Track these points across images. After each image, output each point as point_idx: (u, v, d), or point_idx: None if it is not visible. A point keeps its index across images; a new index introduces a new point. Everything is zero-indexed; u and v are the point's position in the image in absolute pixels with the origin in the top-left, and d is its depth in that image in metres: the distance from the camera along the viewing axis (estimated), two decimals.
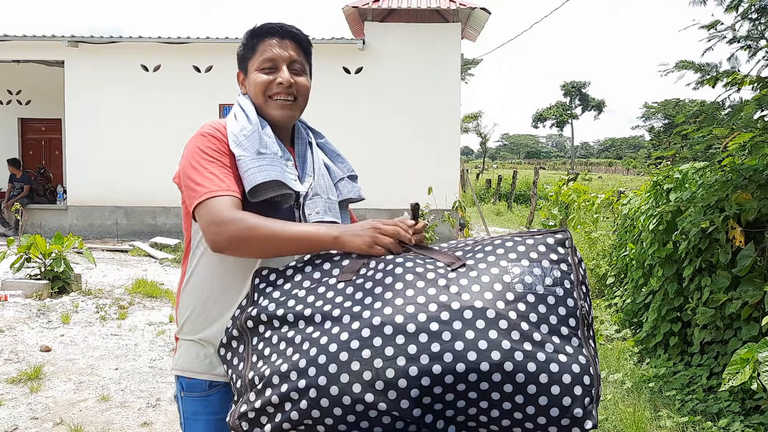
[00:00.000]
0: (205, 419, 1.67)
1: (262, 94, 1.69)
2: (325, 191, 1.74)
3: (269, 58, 1.68)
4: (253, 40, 1.71)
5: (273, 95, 1.69)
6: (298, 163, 1.75)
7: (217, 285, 1.65)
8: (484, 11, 12.48)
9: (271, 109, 1.70)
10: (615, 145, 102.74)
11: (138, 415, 4.13)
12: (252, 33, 1.72)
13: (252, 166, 1.57)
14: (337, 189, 1.79)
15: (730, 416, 3.79)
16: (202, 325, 1.67)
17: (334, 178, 1.80)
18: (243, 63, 1.75)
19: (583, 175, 30.21)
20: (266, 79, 1.68)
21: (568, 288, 1.37)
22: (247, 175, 1.57)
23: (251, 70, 1.71)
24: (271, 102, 1.69)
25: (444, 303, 1.32)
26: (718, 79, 4.35)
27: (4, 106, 15.66)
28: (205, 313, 1.66)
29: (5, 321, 6.21)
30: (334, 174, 1.81)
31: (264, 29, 1.70)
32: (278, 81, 1.67)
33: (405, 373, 1.26)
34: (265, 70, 1.68)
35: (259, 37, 1.70)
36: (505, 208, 21.48)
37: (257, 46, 1.70)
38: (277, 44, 1.69)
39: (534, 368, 1.26)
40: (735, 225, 4.06)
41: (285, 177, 1.60)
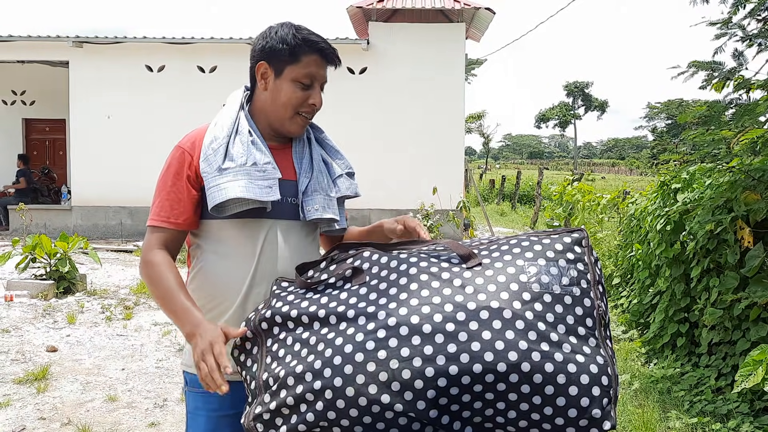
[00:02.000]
0: (205, 415, 1.70)
1: (292, 109, 1.69)
2: (324, 188, 1.75)
3: (310, 75, 1.68)
4: (300, 48, 1.66)
5: (301, 112, 1.70)
6: (296, 159, 1.76)
7: (217, 286, 1.69)
8: (488, 11, 12.47)
9: (293, 125, 1.71)
10: (618, 146, 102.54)
11: (145, 416, 4.12)
12: (303, 40, 1.67)
13: (212, 185, 1.61)
14: (336, 185, 1.79)
15: (740, 417, 3.77)
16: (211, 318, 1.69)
17: (333, 174, 1.80)
18: (277, 62, 1.68)
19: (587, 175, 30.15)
20: (302, 96, 1.68)
21: (585, 287, 1.36)
22: (209, 194, 1.62)
23: (287, 76, 1.67)
24: (296, 118, 1.70)
25: (460, 303, 1.31)
26: (729, 78, 4.33)
27: (9, 107, 15.69)
28: (208, 313, 1.69)
29: (11, 321, 6.21)
30: (333, 170, 1.81)
31: (314, 44, 1.67)
32: (311, 102, 1.69)
33: (421, 374, 1.25)
34: (302, 84, 1.68)
35: (307, 49, 1.67)
36: (508, 209, 21.45)
37: (302, 57, 1.66)
38: (320, 63, 1.69)
39: (551, 369, 1.25)
40: (743, 225, 4.04)
41: (249, 191, 1.59)
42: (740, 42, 4.40)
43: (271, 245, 1.68)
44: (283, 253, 1.69)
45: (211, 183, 1.61)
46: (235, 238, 1.67)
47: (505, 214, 19.88)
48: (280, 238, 1.70)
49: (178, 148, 1.71)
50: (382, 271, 1.43)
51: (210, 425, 1.68)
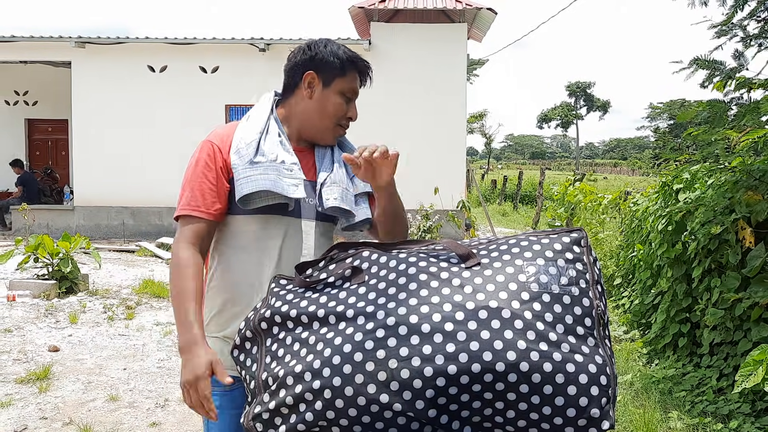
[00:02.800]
0: (228, 413, 1.71)
1: (335, 119, 1.79)
2: (343, 182, 1.81)
3: (353, 90, 1.81)
4: (348, 64, 1.78)
5: (341, 124, 1.82)
6: (318, 158, 1.83)
7: (238, 284, 1.73)
8: (490, 11, 12.46)
9: (330, 134, 1.82)
10: (620, 146, 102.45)
11: (147, 415, 4.13)
12: (351, 58, 1.79)
13: (242, 176, 1.66)
14: (353, 182, 1.85)
15: (741, 418, 3.77)
16: (226, 323, 1.74)
17: (350, 173, 1.85)
18: (327, 72, 1.77)
19: (589, 175, 30.15)
20: (345, 109, 1.80)
21: (584, 287, 1.36)
22: (238, 185, 1.67)
23: (335, 87, 1.77)
24: (336, 128, 1.81)
25: (458, 303, 1.31)
26: (730, 77, 4.32)
27: (11, 107, 15.72)
28: (228, 312, 1.73)
29: (14, 321, 6.23)
30: (351, 169, 1.81)
31: (358, 62, 1.80)
32: (349, 114, 1.82)
33: (420, 374, 1.25)
34: (345, 97, 1.79)
35: (354, 66, 1.79)
36: (510, 209, 21.44)
37: (349, 72, 1.78)
38: (359, 80, 1.83)
39: (550, 368, 1.25)
40: (745, 226, 4.04)
41: (277, 185, 1.66)
42: (740, 42, 4.40)
43: (292, 242, 1.75)
44: (303, 252, 1.75)
45: (241, 174, 1.66)
46: (257, 234, 1.73)
47: (507, 215, 19.87)
48: (301, 236, 1.76)
49: (207, 143, 1.75)
50: (381, 271, 1.44)
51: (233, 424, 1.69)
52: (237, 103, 12.57)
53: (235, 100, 12.53)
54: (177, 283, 1.62)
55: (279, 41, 12.43)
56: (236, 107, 12.64)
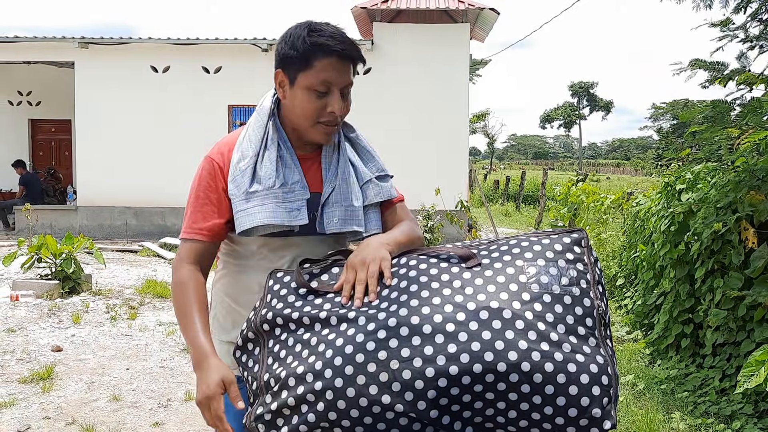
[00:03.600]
0: (232, 411, 1.68)
1: (310, 119, 1.59)
2: (346, 197, 1.67)
3: (325, 81, 1.54)
4: (310, 52, 1.53)
5: (322, 121, 1.59)
6: (324, 165, 1.69)
7: (240, 295, 1.70)
8: (492, 12, 12.46)
9: (316, 134, 1.62)
10: (623, 146, 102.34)
11: (149, 415, 4.14)
12: (313, 44, 1.53)
13: (239, 209, 1.59)
14: (363, 193, 1.71)
15: (744, 418, 3.76)
16: (228, 328, 1.72)
17: (361, 179, 1.71)
18: (289, 68, 1.58)
19: (592, 175, 30.10)
20: (319, 105, 1.57)
21: (585, 287, 1.36)
22: (236, 219, 1.60)
23: (301, 83, 1.56)
24: (318, 127, 1.60)
25: (459, 304, 1.31)
26: (731, 78, 4.32)
27: (15, 107, 15.76)
28: (231, 318, 1.72)
29: (17, 321, 6.24)
30: (361, 175, 1.72)
31: (327, 46, 1.52)
32: (330, 110, 1.57)
33: (421, 375, 1.25)
34: (317, 92, 1.56)
35: (323, 52, 1.53)
36: (513, 209, 21.42)
37: (314, 61, 1.53)
38: (337, 66, 1.54)
39: (551, 368, 1.25)
40: (748, 226, 4.03)
41: (276, 216, 1.58)
42: (741, 44, 4.40)
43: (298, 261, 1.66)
44: None
45: (238, 207, 1.59)
46: (263, 254, 1.68)
47: (510, 215, 19.86)
48: (309, 251, 1.68)
49: (207, 159, 1.66)
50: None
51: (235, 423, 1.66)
52: (240, 104, 12.59)
53: (238, 101, 12.54)
54: (180, 302, 1.58)
55: None
56: (239, 107, 12.66)
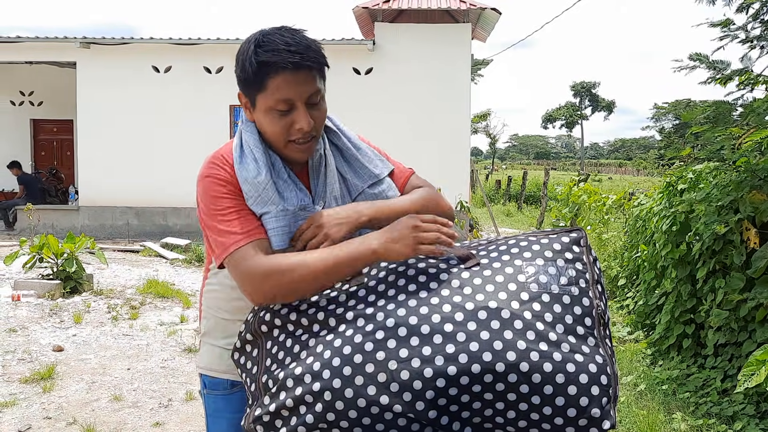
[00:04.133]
0: (228, 417, 1.67)
1: (280, 139, 1.48)
2: None
3: (284, 99, 1.43)
4: (260, 74, 1.42)
5: (293, 139, 1.48)
6: (312, 181, 1.58)
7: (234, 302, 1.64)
8: (494, 12, 12.46)
9: (291, 152, 1.51)
10: (625, 146, 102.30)
11: (150, 415, 4.14)
12: (260, 64, 1.41)
13: (270, 227, 1.47)
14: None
15: (745, 419, 3.75)
16: (223, 334, 1.67)
17: (353, 191, 1.61)
18: (248, 91, 1.49)
19: (593, 176, 30.11)
20: (285, 124, 1.46)
21: (584, 287, 1.36)
22: (271, 236, 1.47)
23: (261, 106, 1.46)
24: (291, 145, 1.49)
25: (458, 304, 1.31)
26: (731, 78, 4.31)
27: (17, 107, 15.79)
28: (225, 324, 1.66)
29: (18, 321, 6.24)
30: (352, 187, 1.61)
31: (275, 63, 1.40)
32: (298, 127, 1.45)
33: (420, 375, 1.25)
34: (279, 112, 1.45)
35: (268, 71, 1.41)
36: (515, 209, 21.42)
37: (267, 82, 1.42)
38: (292, 80, 1.41)
39: (550, 368, 1.25)
40: (749, 226, 4.02)
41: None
42: (742, 44, 4.38)
43: None
44: None
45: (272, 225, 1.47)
46: None
47: (512, 215, 19.85)
48: None
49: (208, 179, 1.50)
50: (380, 273, 1.44)
51: (232, 427, 1.66)
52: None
53: None
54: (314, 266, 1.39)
55: None
56: (241, 108, 12.66)
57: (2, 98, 15.68)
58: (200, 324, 1.76)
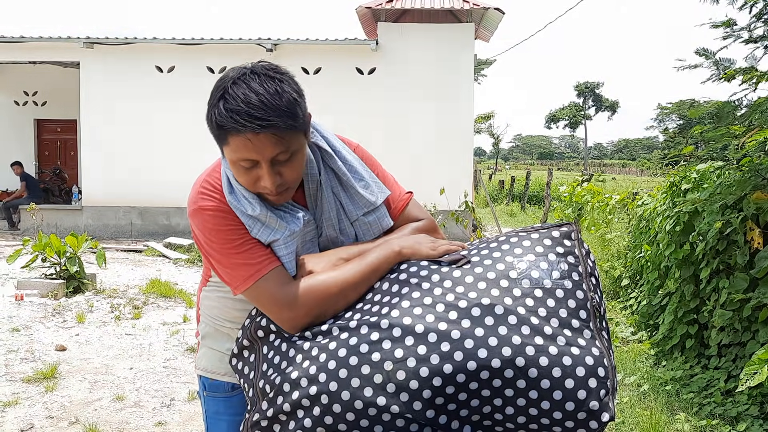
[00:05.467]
0: (227, 419, 1.67)
1: (251, 189, 1.42)
2: (336, 241, 1.55)
3: (246, 159, 1.36)
4: (221, 132, 1.36)
5: (261, 193, 1.43)
6: (310, 205, 1.54)
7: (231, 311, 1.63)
8: (497, 11, 12.44)
9: (266, 199, 1.45)
10: (629, 146, 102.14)
11: (152, 415, 4.14)
12: (219, 122, 1.34)
13: (282, 254, 1.45)
14: (354, 229, 1.57)
15: (749, 420, 3.74)
16: (222, 340, 1.67)
17: (350, 218, 1.56)
18: (215, 139, 1.42)
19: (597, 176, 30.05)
20: (250, 179, 1.40)
21: (577, 280, 1.36)
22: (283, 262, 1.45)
23: (227, 157, 1.40)
24: (263, 194, 1.44)
25: (451, 302, 1.31)
26: (736, 74, 4.29)
27: (21, 107, 15.83)
28: (224, 331, 1.66)
29: (21, 320, 6.25)
30: (349, 214, 1.56)
31: (235, 126, 1.32)
32: (263, 184, 1.39)
33: (416, 375, 1.25)
34: (243, 167, 1.38)
35: (231, 130, 1.33)
36: (518, 209, 21.39)
37: (228, 139, 1.35)
38: (251, 143, 1.33)
39: (546, 362, 1.25)
40: (753, 226, 4.00)
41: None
42: (745, 44, 4.36)
43: None
44: None
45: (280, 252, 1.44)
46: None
47: (515, 215, 19.83)
48: None
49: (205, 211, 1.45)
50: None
51: (232, 429, 1.66)
52: None
53: None
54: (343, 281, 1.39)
55: (286, 41, 12.46)
56: None
57: (6, 98, 15.73)
58: (198, 327, 1.76)
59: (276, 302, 1.40)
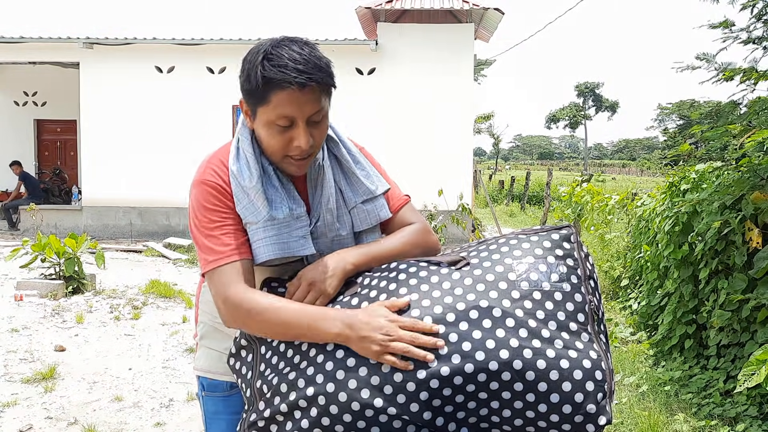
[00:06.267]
0: (226, 418, 1.68)
1: (277, 153, 1.47)
2: (332, 228, 1.56)
3: (285, 115, 1.41)
4: (264, 88, 1.39)
5: (290, 155, 1.47)
6: (309, 189, 1.58)
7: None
8: (497, 12, 12.44)
9: (286, 166, 1.50)
10: (629, 146, 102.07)
11: (151, 416, 4.14)
12: (265, 78, 1.38)
13: (257, 238, 1.47)
14: (352, 218, 1.59)
15: (748, 420, 3.73)
16: (219, 339, 1.67)
17: (349, 205, 1.59)
18: (250, 102, 1.46)
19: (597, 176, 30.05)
20: (283, 140, 1.44)
21: (575, 283, 1.35)
22: (255, 248, 1.48)
23: (261, 118, 1.44)
24: (287, 160, 1.48)
25: (449, 304, 1.31)
26: (734, 74, 4.29)
27: (21, 108, 15.83)
28: (221, 329, 1.66)
29: (20, 321, 6.25)
30: (348, 201, 1.59)
31: (281, 80, 1.37)
32: (296, 144, 1.44)
33: (413, 377, 1.25)
34: (279, 127, 1.43)
35: (272, 86, 1.38)
36: (518, 210, 21.39)
37: (270, 96, 1.39)
38: (296, 98, 1.39)
39: (544, 365, 1.25)
40: (752, 226, 4.00)
41: (289, 248, 1.48)
42: (744, 45, 4.36)
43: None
44: None
45: (256, 236, 1.47)
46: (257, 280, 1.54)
47: (515, 215, 19.83)
48: None
49: (203, 184, 1.49)
50: (372, 281, 1.44)
51: (231, 428, 1.65)
52: None
53: None
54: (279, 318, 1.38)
55: None
56: None
57: (6, 98, 15.73)
58: (196, 327, 1.76)
59: (219, 295, 1.43)
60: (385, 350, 1.26)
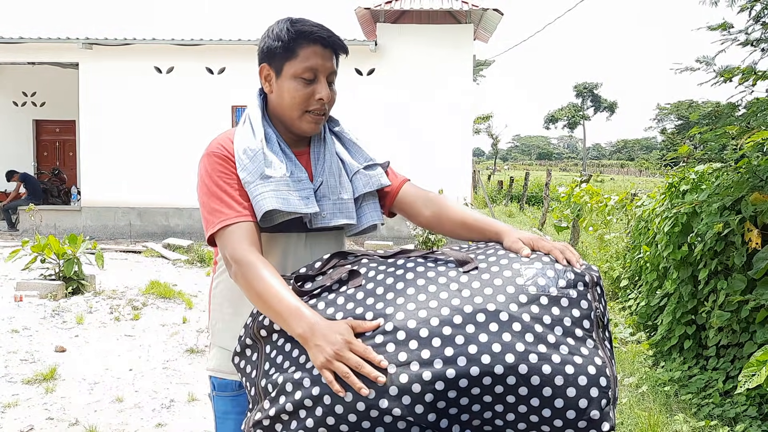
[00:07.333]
0: (234, 418, 1.69)
1: (299, 107, 1.61)
2: (335, 191, 1.66)
3: (311, 68, 1.58)
4: (296, 42, 1.58)
5: (311, 110, 1.62)
6: (313, 160, 1.69)
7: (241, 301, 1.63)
8: (496, 12, 12.45)
9: (304, 123, 1.63)
10: (627, 147, 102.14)
11: (152, 416, 4.14)
12: (297, 33, 1.58)
13: (257, 193, 1.54)
14: (352, 184, 1.70)
15: (748, 421, 3.75)
16: (231, 336, 1.66)
17: (350, 171, 1.72)
18: (275, 60, 1.61)
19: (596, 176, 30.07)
20: (307, 92, 1.60)
21: (582, 290, 1.36)
22: (255, 203, 1.54)
23: (287, 73, 1.60)
24: (306, 116, 1.62)
25: (456, 306, 1.31)
26: (733, 75, 4.30)
27: (20, 108, 15.82)
28: (233, 326, 1.66)
29: (20, 322, 6.25)
30: (349, 167, 1.72)
31: (311, 34, 1.57)
32: (318, 97, 1.60)
33: (419, 378, 1.25)
34: (304, 80, 1.59)
35: (303, 40, 1.58)
36: (517, 210, 21.40)
37: (299, 50, 1.58)
38: (320, 53, 1.59)
39: (549, 370, 1.25)
40: (751, 227, 4.01)
41: (290, 203, 1.55)
42: (742, 47, 4.37)
43: (296, 257, 1.65)
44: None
45: (255, 191, 1.54)
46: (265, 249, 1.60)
47: (514, 216, 19.83)
48: (306, 249, 1.67)
49: (209, 155, 1.61)
50: (378, 275, 1.43)
51: (240, 428, 1.67)
52: (243, 104, 12.59)
53: (242, 101, 12.55)
54: (258, 282, 1.43)
55: None
56: (243, 108, 12.66)
57: (5, 99, 15.72)
58: (209, 325, 1.77)
59: (229, 253, 1.51)
60: (328, 366, 1.27)
